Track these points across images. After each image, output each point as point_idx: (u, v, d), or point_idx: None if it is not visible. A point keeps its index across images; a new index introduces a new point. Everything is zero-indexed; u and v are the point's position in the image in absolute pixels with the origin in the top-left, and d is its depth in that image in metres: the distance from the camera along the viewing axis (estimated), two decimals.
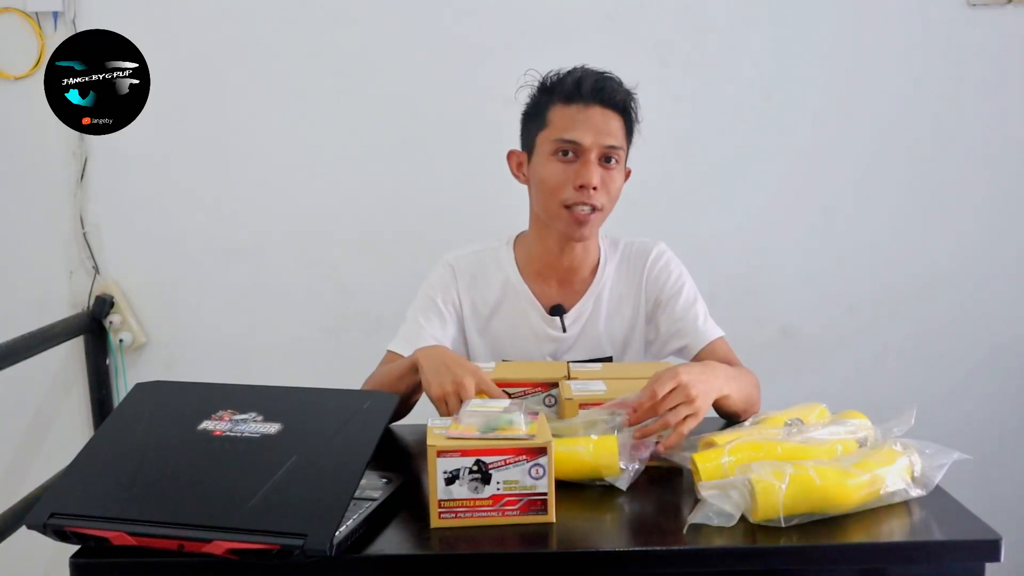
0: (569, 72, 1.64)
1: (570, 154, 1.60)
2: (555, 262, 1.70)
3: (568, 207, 1.61)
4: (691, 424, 1.31)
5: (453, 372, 1.38)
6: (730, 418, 1.54)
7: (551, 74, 1.66)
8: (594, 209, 1.60)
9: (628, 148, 1.67)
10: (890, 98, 2.32)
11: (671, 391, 1.30)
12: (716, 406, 1.47)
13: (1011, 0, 2.26)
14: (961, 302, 2.39)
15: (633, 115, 1.66)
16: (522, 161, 1.70)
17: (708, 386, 1.35)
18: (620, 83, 1.65)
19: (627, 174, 1.71)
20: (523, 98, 1.70)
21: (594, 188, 1.59)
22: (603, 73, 1.64)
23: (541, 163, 1.64)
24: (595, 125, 1.60)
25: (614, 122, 1.62)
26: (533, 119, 1.68)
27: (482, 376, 1.39)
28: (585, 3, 2.30)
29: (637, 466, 1.26)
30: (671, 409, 1.29)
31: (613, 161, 1.62)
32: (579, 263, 1.70)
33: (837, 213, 2.37)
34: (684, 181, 2.35)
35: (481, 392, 1.37)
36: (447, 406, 1.37)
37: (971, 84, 2.31)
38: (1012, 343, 2.40)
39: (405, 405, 1.55)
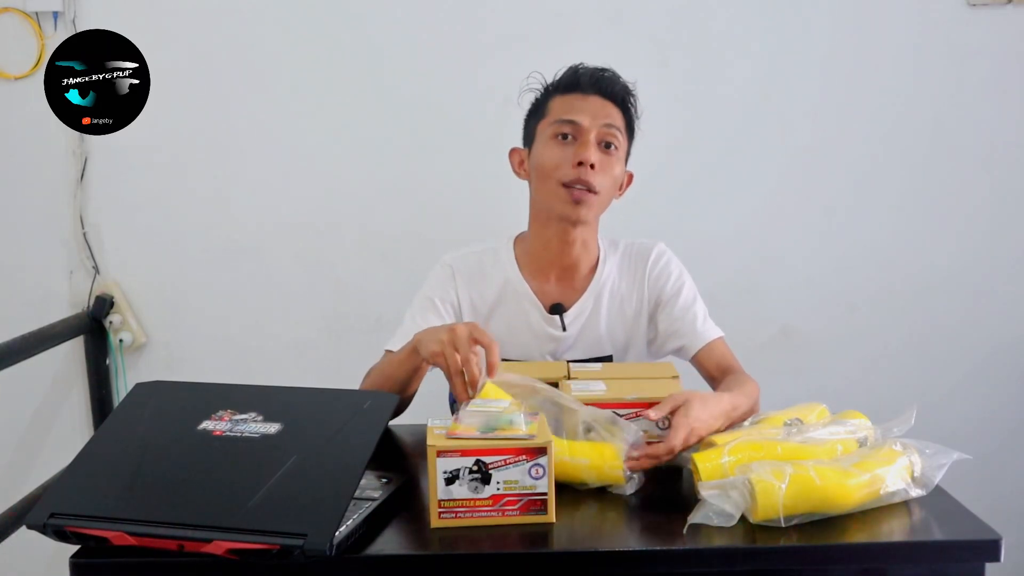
0: (568, 67, 1.68)
1: (569, 137, 1.62)
2: (554, 259, 1.70)
3: (566, 186, 1.61)
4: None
5: (446, 326, 1.35)
6: None
7: (554, 76, 1.69)
8: (591, 190, 1.61)
9: (629, 145, 1.69)
10: (890, 98, 2.32)
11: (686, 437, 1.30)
12: None
13: (1011, 0, 2.26)
14: (961, 302, 2.39)
15: (632, 110, 1.68)
16: (523, 158, 1.72)
17: (710, 427, 1.34)
18: (618, 77, 1.68)
19: (629, 178, 1.72)
20: (525, 102, 1.73)
21: (592, 166, 1.60)
22: (602, 67, 1.67)
23: (540, 149, 1.65)
24: (593, 109, 1.63)
25: (613, 110, 1.65)
26: (534, 115, 1.71)
27: (475, 324, 1.34)
28: (586, 3, 2.30)
29: (641, 475, 1.26)
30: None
31: (612, 147, 1.63)
32: (578, 259, 1.70)
33: (837, 213, 2.37)
34: (684, 181, 2.35)
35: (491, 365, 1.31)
36: (447, 362, 1.30)
37: (971, 84, 2.31)
38: (1012, 344, 2.39)
39: (404, 395, 1.53)
